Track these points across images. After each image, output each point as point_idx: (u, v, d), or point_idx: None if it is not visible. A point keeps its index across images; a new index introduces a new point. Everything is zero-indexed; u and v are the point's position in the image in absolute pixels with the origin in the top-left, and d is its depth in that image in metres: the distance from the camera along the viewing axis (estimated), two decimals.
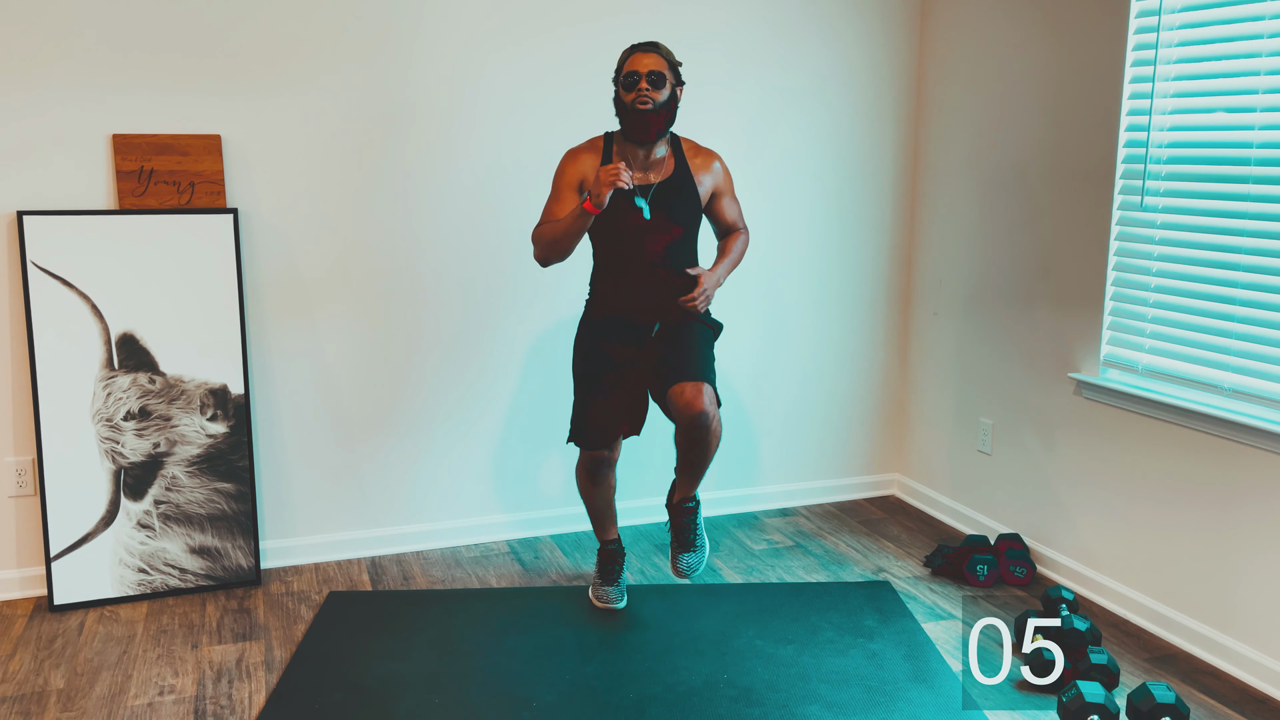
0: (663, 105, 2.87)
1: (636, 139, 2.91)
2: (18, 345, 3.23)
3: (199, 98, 3.27)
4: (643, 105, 2.85)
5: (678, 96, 2.93)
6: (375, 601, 3.30)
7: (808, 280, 4.09)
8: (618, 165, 2.76)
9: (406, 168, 3.51)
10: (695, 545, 3.11)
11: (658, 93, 2.86)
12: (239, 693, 2.78)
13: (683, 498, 3.09)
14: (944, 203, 4.01)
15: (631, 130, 2.90)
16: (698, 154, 3.04)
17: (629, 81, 2.87)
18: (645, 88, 2.85)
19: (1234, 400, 2.93)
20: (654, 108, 2.86)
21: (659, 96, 2.86)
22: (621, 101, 2.89)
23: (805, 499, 4.24)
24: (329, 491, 3.61)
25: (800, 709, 2.70)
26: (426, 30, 3.46)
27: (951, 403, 4.04)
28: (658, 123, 2.88)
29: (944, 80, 3.97)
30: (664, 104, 2.87)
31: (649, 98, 2.85)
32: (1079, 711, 2.50)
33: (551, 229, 2.92)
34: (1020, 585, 3.47)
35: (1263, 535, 2.84)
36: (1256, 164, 2.85)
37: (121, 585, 3.31)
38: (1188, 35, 3.02)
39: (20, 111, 3.12)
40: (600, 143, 3.02)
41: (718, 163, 3.07)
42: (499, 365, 3.73)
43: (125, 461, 3.28)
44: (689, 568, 3.10)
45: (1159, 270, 3.14)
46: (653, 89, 2.85)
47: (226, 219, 3.32)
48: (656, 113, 2.86)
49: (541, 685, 2.80)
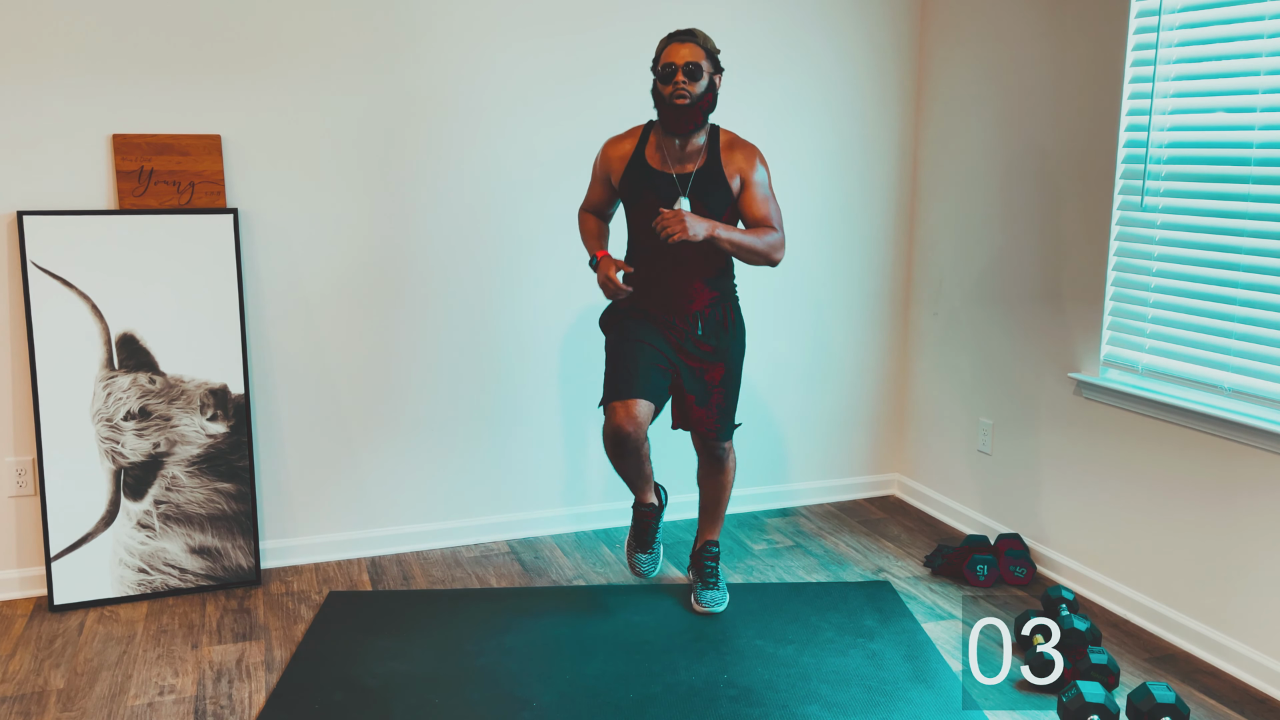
0: (699, 98, 2.87)
1: (674, 131, 2.91)
2: (18, 345, 3.23)
3: (199, 97, 3.27)
4: (680, 100, 2.85)
5: (716, 85, 2.92)
6: (375, 601, 3.30)
7: (808, 280, 4.09)
8: (612, 282, 2.91)
9: (407, 167, 3.51)
10: (716, 585, 3.29)
11: (694, 85, 2.85)
12: (239, 693, 2.78)
13: (706, 542, 3.32)
14: (944, 202, 4.01)
15: (668, 123, 2.90)
16: (733, 146, 3.01)
17: (665, 74, 2.86)
18: (681, 80, 2.84)
19: (1234, 400, 2.93)
20: (690, 101, 2.85)
21: (695, 89, 2.85)
22: (659, 93, 2.89)
23: (805, 499, 4.24)
24: (329, 491, 3.61)
25: (800, 709, 2.70)
26: (427, 29, 3.46)
27: (951, 403, 4.04)
28: (694, 116, 2.88)
29: (944, 80, 3.97)
30: (700, 96, 2.87)
31: (685, 91, 2.84)
32: (1079, 711, 2.50)
33: (581, 229, 3.18)
34: (1020, 585, 3.47)
35: (1263, 535, 2.84)
36: (1256, 164, 2.85)
37: (121, 585, 3.31)
38: (1188, 35, 3.02)
39: (20, 111, 3.12)
40: (639, 131, 3.05)
41: (754, 154, 3.01)
42: (499, 364, 3.73)
43: (125, 461, 3.28)
44: (711, 602, 3.24)
45: (1159, 270, 3.14)
46: (689, 81, 2.85)
47: (226, 219, 3.32)
48: (692, 106, 2.86)
49: (541, 685, 2.80)
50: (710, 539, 3.33)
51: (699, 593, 3.27)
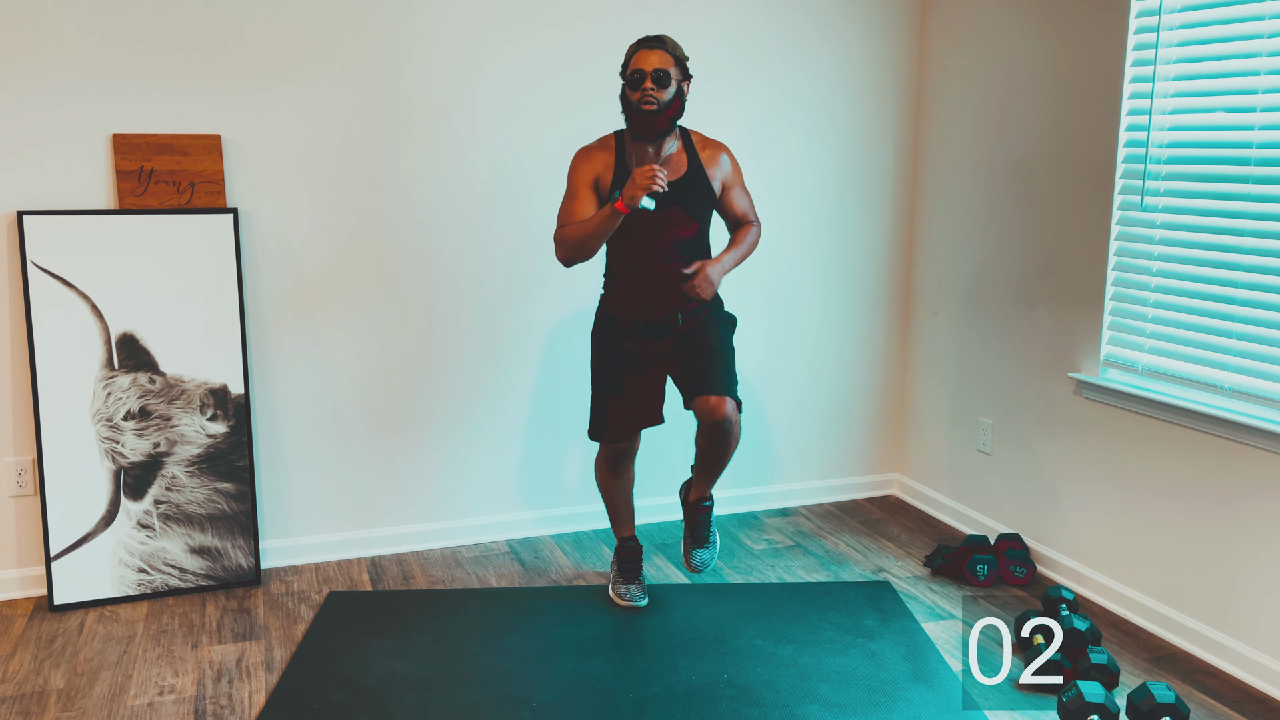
0: (667, 104, 2.87)
1: (641, 137, 2.92)
2: (18, 345, 3.23)
3: (199, 97, 3.27)
4: (648, 106, 2.86)
5: (684, 92, 2.93)
6: (375, 601, 3.30)
7: (808, 279, 4.08)
8: (654, 169, 2.73)
9: (406, 166, 3.51)
10: (708, 542, 3.22)
11: (662, 92, 2.86)
12: (239, 692, 2.78)
13: (699, 496, 3.17)
14: (944, 202, 4.01)
15: (636, 128, 2.91)
16: (706, 146, 3.04)
17: (634, 80, 2.87)
18: (650, 87, 2.85)
19: (1234, 400, 2.93)
20: (658, 108, 2.86)
21: (663, 96, 2.86)
22: (627, 99, 2.90)
23: (805, 499, 4.24)
24: (329, 491, 3.61)
25: (800, 709, 2.70)
26: (428, 28, 3.46)
27: (951, 403, 4.04)
28: (660, 122, 2.88)
29: (944, 80, 3.97)
30: (669, 103, 2.88)
31: (653, 98, 2.85)
32: (1079, 711, 2.50)
33: (579, 230, 2.88)
34: (1020, 585, 3.47)
35: (1263, 535, 2.84)
36: (1256, 164, 2.85)
37: (121, 585, 3.31)
38: (1188, 35, 3.02)
39: (20, 111, 3.12)
40: (611, 141, 3.02)
41: (726, 155, 3.06)
42: (500, 364, 3.73)
43: (125, 461, 3.28)
44: (702, 563, 3.22)
45: (1159, 270, 3.14)
46: (657, 88, 2.85)
47: (226, 219, 3.32)
48: (660, 113, 2.87)
49: (541, 685, 2.80)
50: (704, 493, 3.16)
51: (691, 552, 3.20)
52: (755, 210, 3.17)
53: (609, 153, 2.99)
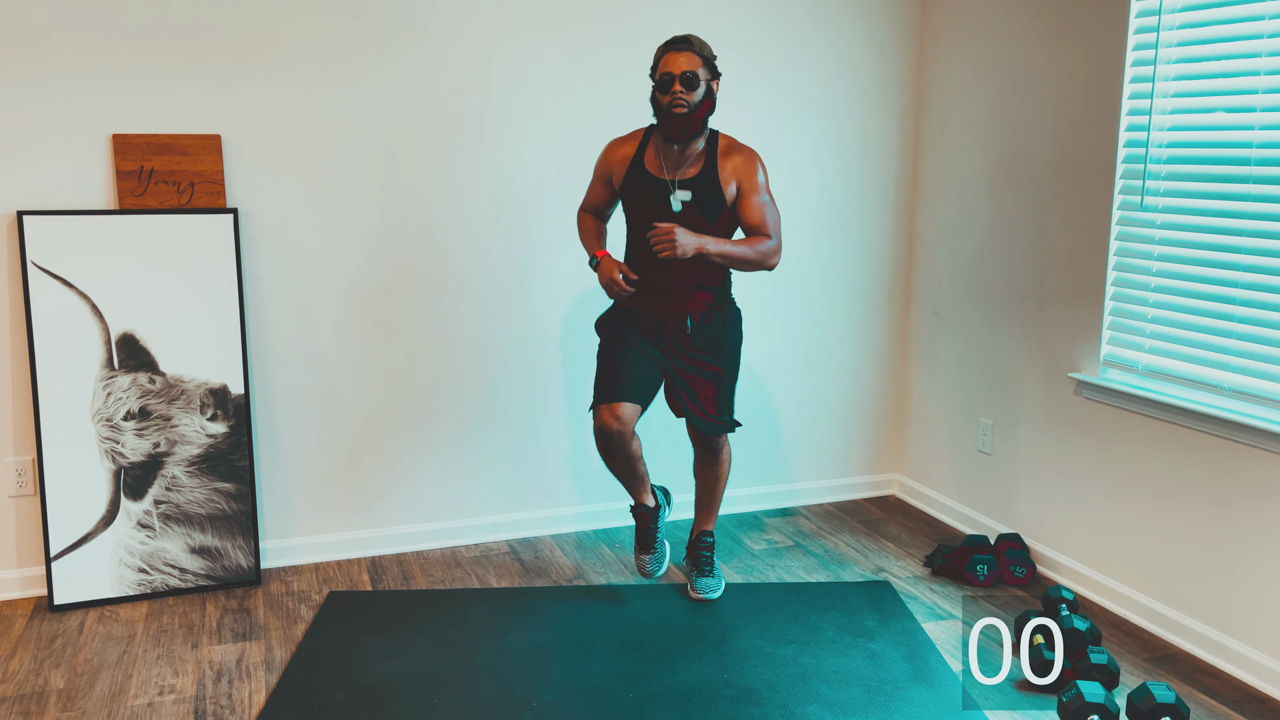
0: (697, 106, 2.90)
1: (671, 139, 2.95)
2: (18, 345, 3.23)
3: (199, 97, 3.27)
4: (678, 109, 2.89)
5: (714, 91, 2.96)
6: (375, 601, 3.30)
7: (808, 279, 4.08)
8: (614, 280, 2.95)
9: (406, 166, 3.51)
10: (712, 573, 3.37)
11: (691, 94, 2.89)
12: (239, 692, 2.78)
13: (701, 533, 3.39)
14: (944, 202, 4.01)
15: (667, 130, 2.94)
16: (730, 152, 3.02)
17: (663, 83, 2.90)
18: (679, 90, 2.88)
19: (1234, 400, 2.93)
20: (688, 110, 2.89)
21: (692, 98, 2.89)
22: (657, 101, 2.93)
23: (805, 499, 4.24)
24: (329, 491, 3.61)
25: (800, 709, 2.70)
26: (429, 27, 3.46)
27: (951, 403, 4.04)
28: (691, 124, 2.91)
29: (944, 80, 3.97)
30: (698, 104, 2.91)
31: (683, 100, 2.88)
32: (1079, 711, 2.50)
33: (580, 231, 3.20)
34: (1020, 585, 3.47)
35: (1263, 535, 2.84)
36: (1256, 164, 2.85)
37: (121, 585, 3.31)
38: (1188, 35, 3.02)
39: (20, 111, 3.12)
40: (641, 135, 3.09)
41: (745, 160, 2.99)
42: (499, 363, 3.73)
43: (125, 461, 3.28)
44: (706, 589, 3.33)
45: (1159, 270, 3.14)
46: (686, 90, 2.88)
47: (226, 219, 3.32)
48: (690, 115, 2.90)
49: (541, 685, 2.80)
50: (705, 529, 3.41)
51: (694, 580, 3.35)
52: (779, 229, 3.00)
53: (630, 148, 3.07)
